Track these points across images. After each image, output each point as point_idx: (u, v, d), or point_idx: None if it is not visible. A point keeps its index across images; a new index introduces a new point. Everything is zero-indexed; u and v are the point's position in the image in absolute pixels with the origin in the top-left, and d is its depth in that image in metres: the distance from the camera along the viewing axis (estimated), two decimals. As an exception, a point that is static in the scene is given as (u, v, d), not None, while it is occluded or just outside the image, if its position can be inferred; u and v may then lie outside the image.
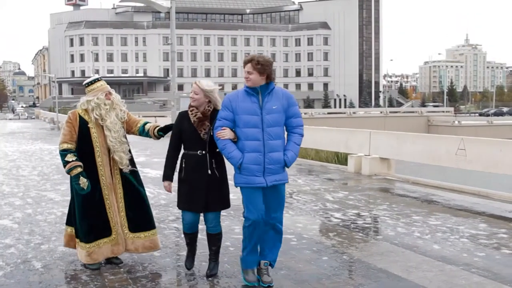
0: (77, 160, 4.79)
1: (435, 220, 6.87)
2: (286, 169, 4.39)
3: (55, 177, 11.27)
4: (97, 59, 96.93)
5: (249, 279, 4.45)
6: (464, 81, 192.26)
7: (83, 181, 4.77)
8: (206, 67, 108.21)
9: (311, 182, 10.26)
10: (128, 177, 4.98)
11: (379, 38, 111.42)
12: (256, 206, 4.26)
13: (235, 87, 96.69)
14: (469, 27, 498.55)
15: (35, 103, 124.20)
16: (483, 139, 9.89)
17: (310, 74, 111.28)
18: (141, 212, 5.02)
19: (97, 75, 5.42)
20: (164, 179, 4.64)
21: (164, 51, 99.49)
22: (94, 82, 4.98)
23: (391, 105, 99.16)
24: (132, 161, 5.03)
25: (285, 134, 4.42)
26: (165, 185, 4.65)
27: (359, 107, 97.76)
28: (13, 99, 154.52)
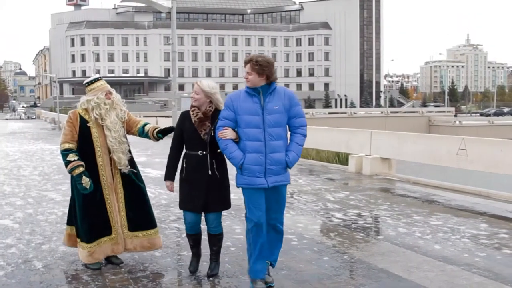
0: (78, 160, 4.79)
1: (436, 220, 6.87)
2: (288, 170, 4.33)
3: (56, 177, 11.27)
4: (98, 59, 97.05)
5: None
6: (465, 81, 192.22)
7: (85, 180, 4.76)
8: (207, 67, 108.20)
9: (312, 182, 10.26)
10: (129, 175, 4.97)
11: (380, 38, 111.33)
12: (258, 207, 4.22)
13: (236, 87, 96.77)
14: (470, 27, 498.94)
15: (36, 103, 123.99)
16: (484, 139, 9.88)
17: (311, 74, 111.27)
18: (141, 212, 5.02)
19: (97, 74, 5.41)
20: (166, 178, 4.65)
21: (165, 51, 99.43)
22: (94, 81, 4.97)
23: (392, 105, 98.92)
24: (132, 161, 5.03)
25: (288, 134, 4.37)
26: (167, 184, 4.67)
27: (360, 107, 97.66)
28: (14, 99, 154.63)
